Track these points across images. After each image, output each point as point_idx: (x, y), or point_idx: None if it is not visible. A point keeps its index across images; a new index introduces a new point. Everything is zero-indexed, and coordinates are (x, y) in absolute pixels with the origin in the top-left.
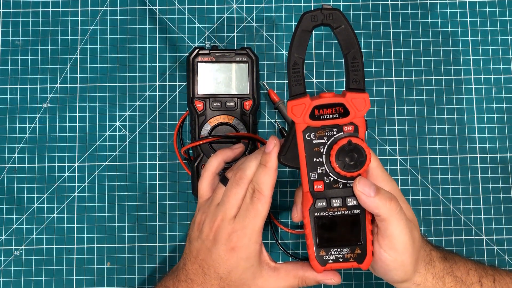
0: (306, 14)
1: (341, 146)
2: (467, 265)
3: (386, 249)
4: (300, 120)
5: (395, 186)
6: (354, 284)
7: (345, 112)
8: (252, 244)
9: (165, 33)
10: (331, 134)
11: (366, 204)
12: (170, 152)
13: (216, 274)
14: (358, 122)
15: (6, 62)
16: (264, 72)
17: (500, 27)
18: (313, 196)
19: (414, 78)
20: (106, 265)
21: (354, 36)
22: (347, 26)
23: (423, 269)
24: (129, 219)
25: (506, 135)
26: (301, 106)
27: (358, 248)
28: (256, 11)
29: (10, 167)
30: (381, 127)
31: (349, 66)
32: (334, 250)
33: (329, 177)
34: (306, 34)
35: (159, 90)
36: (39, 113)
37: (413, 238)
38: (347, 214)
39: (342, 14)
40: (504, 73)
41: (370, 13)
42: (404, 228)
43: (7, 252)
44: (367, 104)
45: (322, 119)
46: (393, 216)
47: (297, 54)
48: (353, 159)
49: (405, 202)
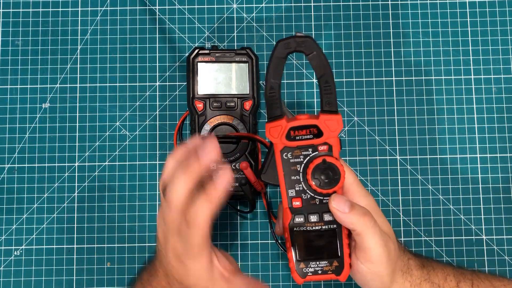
0: (280, 42)
1: (316, 165)
2: (445, 271)
3: (362, 261)
4: (278, 141)
5: (371, 200)
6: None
7: (319, 133)
8: (191, 259)
9: (165, 33)
10: (307, 154)
11: (341, 219)
12: (170, 152)
13: (173, 277)
14: (332, 142)
15: (6, 62)
16: (264, 72)
17: (500, 27)
18: (292, 212)
19: (414, 78)
20: (106, 265)
21: (326, 61)
22: (318, 52)
23: (401, 278)
24: (129, 219)
25: (506, 135)
26: (278, 127)
27: (336, 261)
28: (256, 11)
29: (10, 167)
30: (381, 127)
31: (322, 90)
32: (313, 263)
33: (306, 194)
34: (281, 61)
35: (159, 90)
36: (39, 113)
37: (388, 250)
38: (324, 229)
39: (313, 41)
40: (504, 73)
41: (370, 13)
42: (379, 241)
43: (7, 252)
44: (339, 124)
45: (298, 139)
46: (367, 230)
47: (273, 79)
48: (328, 177)
49: (382, 215)
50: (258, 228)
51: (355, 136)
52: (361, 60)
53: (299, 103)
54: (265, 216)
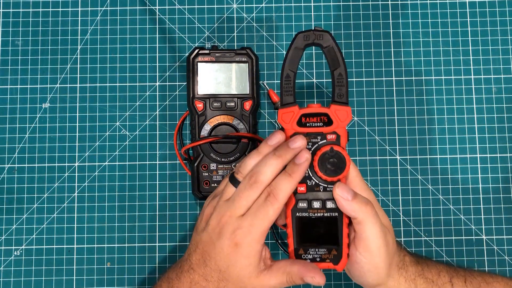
0: (300, 33)
1: (324, 152)
2: (438, 267)
3: (361, 251)
4: (289, 126)
5: (372, 195)
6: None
7: (329, 122)
8: (254, 243)
9: (165, 33)
10: (315, 141)
11: (344, 207)
12: (170, 152)
13: (216, 266)
14: (340, 132)
15: (6, 62)
16: (264, 72)
17: (500, 27)
18: (295, 197)
19: (414, 78)
20: (106, 265)
21: (341, 55)
22: (335, 46)
23: (396, 274)
24: (129, 219)
25: (506, 135)
26: (290, 113)
27: (335, 249)
28: (256, 11)
29: (10, 167)
30: (381, 127)
31: (335, 82)
32: (312, 249)
33: (311, 180)
34: (298, 51)
35: (159, 90)
36: (39, 113)
37: (386, 242)
38: (326, 216)
39: (331, 35)
40: (504, 73)
41: (370, 13)
42: (379, 231)
43: (7, 252)
44: (349, 116)
45: (308, 126)
46: (368, 219)
47: (289, 68)
48: (334, 165)
49: (381, 210)
50: None
51: (355, 136)
52: (361, 60)
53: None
54: None
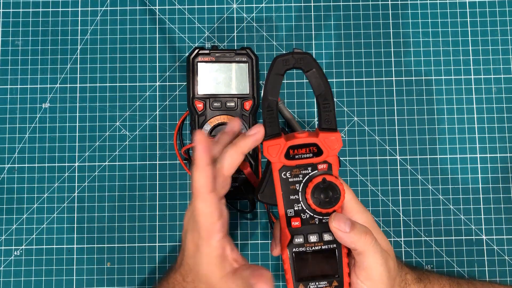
0: (278, 58)
1: (316, 184)
2: (441, 282)
3: (363, 280)
4: (276, 160)
5: (369, 217)
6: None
7: (318, 152)
8: (204, 243)
9: (165, 33)
10: (306, 173)
11: (342, 239)
12: (170, 152)
13: (188, 266)
14: (332, 160)
15: (6, 62)
16: (264, 72)
17: (500, 27)
18: (290, 232)
19: (414, 78)
20: (106, 265)
21: (325, 78)
22: (317, 69)
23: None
24: (129, 219)
25: (506, 135)
26: (277, 146)
27: (336, 280)
28: (256, 11)
29: (10, 167)
30: (381, 127)
31: (320, 107)
32: (312, 283)
33: (305, 213)
34: (279, 78)
35: (159, 90)
36: (39, 113)
37: (388, 268)
38: (324, 249)
39: (312, 58)
40: (504, 73)
41: (370, 13)
42: (380, 259)
43: (7, 252)
44: (339, 143)
45: (297, 158)
46: (369, 249)
47: (270, 97)
48: (328, 196)
49: (380, 232)
50: (258, 228)
51: (355, 136)
52: (361, 60)
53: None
54: (265, 216)
